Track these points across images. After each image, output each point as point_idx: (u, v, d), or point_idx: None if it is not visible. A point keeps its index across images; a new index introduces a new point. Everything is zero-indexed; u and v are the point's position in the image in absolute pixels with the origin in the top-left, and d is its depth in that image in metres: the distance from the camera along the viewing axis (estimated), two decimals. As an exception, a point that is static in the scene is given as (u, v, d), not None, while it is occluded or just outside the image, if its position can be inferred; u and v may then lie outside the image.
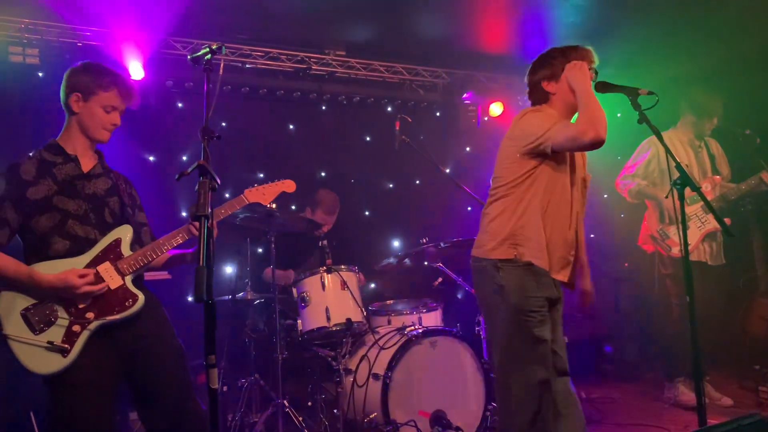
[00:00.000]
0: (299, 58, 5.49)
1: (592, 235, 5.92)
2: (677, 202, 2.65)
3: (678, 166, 2.64)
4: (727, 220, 4.46)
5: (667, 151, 2.65)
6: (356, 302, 4.00)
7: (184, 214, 5.06)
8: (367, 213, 6.09)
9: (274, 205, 3.84)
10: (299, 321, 3.99)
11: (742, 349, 5.07)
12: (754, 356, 4.84)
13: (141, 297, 2.52)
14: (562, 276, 2.76)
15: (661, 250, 4.57)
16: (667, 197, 4.42)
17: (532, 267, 2.69)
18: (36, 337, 2.37)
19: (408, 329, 3.96)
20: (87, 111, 2.56)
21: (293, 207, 5.29)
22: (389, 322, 4.33)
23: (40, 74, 4.56)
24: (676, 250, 4.49)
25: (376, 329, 4.14)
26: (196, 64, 2.24)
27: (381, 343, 3.91)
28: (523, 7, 5.13)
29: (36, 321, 2.39)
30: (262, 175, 5.57)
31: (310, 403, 4.17)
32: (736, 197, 4.53)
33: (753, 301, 5.16)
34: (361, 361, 3.94)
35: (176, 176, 1.99)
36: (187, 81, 5.10)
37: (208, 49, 2.21)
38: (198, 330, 2.56)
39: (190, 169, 1.92)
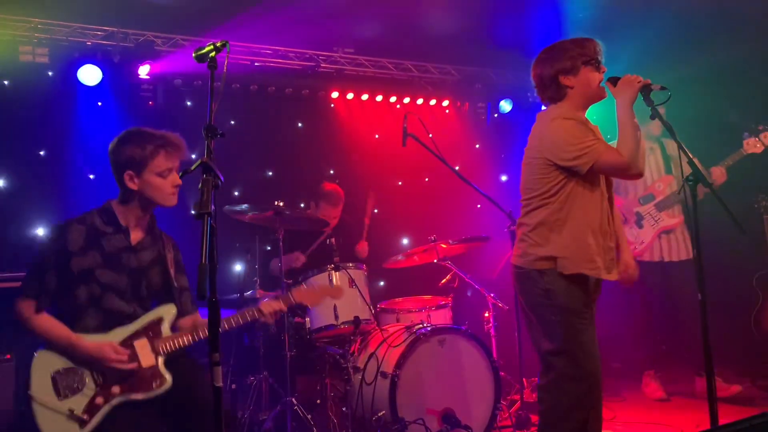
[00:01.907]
0: (308, 55, 5.49)
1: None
2: (689, 199, 2.59)
3: (690, 162, 2.56)
4: (680, 218, 4.51)
5: (680, 147, 2.61)
6: (364, 300, 3.99)
7: (192, 212, 5.07)
8: (375, 210, 6.07)
9: (282, 203, 3.85)
10: (307, 319, 3.98)
11: (757, 349, 4.99)
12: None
13: (168, 381, 2.51)
14: (613, 276, 2.78)
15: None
16: (679, 193, 4.41)
17: (578, 276, 2.69)
18: (59, 403, 2.39)
19: (416, 327, 3.94)
20: (145, 185, 2.55)
21: (302, 205, 5.29)
22: (398, 320, 4.32)
23: (50, 73, 4.58)
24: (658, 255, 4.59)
25: (385, 327, 4.13)
26: (201, 61, 2.22)
27: (389, 341, 3.89)
28: (534, 2, 5.10)
29: (63, 386, 2.41)
30: (270, 173, 5.58)
31: (318, 401, 4.16)
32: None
33: (766, 299, 5.09)
34: (369, 359, 3.92)
35: (179, 173, 2.00)
36: (196, 79, 5.11)
37: (212, 47, 2.18)
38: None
39: (193, 167, 1.91)
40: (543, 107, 2.92)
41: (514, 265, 2.86)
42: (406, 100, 6.04)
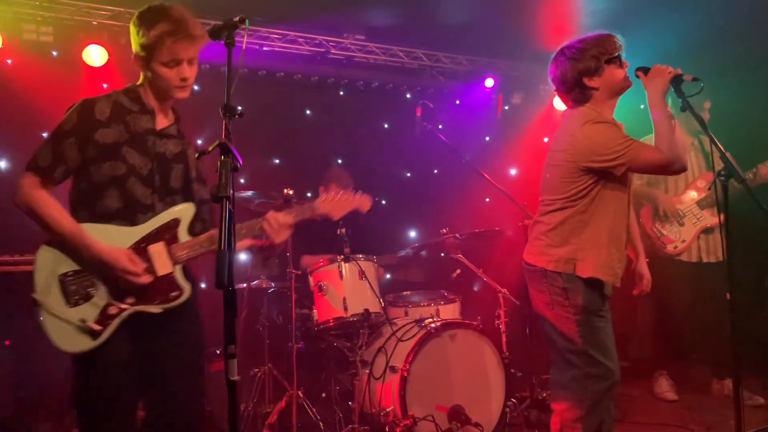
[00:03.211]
0: (317, 41, 5.37)
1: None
2: (720, 195, 2.51)
3: (723, 156, 2.49)
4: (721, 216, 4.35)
5: (712, 140, 2.51)
6: (374, 292, 3.90)
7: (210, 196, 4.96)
8: (384, 202, 5.98)
9: (291, 191, 3.75)
10: (315, 310, 3.89)
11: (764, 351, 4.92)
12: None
13: (187, 291, 2.30)
14: (619, 283, 2.77)
15: (657, 248, 4.48)
16: (710, 189, 4.32)
17: (593, 280, 2.66)
18: (69, 310, 2.15)
19: (427, 321, 3.85)
20: (153, 73, 2.30)
21: (309, 194, 5.19)
22: (406, 314, 4.22)
23: (54, 53, 4.47)
24: (671, 247, 4.48)
25: (394, 320, 4.03)
26: (216, 38, 2.10)
27: (399, 335, 3.80)
28: (548, -8, 4.99)
29: (72, 291, 2.17)
30: (277, 161, 5.47)
31: (324, 395, 4.09)
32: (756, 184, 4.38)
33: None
34: (378, 352, 3.83)
35: (196, 154, 1.89)
36: (203, 63, 4.98)
37: (230, 22, 2.07)
38: (208, 317, 2.49)
39: (210, 148, 1.80)
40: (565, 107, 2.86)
41: (528, 263, 2.82)
42: (417, 89, 5.93)
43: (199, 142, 5.05)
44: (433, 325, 3.76)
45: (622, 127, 2.78)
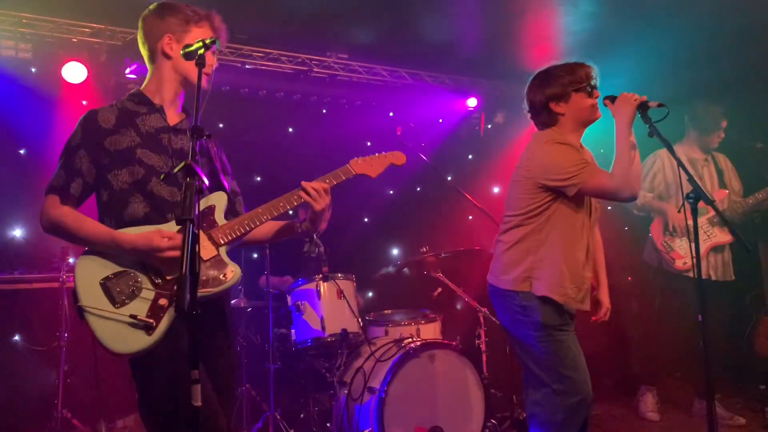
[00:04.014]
0: (300, 59, 5.37)
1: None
2: (689, 216, 2.55)
3: (690, 179, 2.56)
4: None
5: (679, 163, 2.55)
6: (353, 312, 3.87)
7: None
8: (366, 219, 5.96)
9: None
10: (293, 330, 3.86)
11: (749, 369, 4.92)
12: (761, 376, 4.71)
13: (237, 270, 2.20)
14: (585, 306, 2.78)
15: (666, 263, 4.47)
16: (679, 211, 4.32)
17: (548, 299, 2.68)
18: (117, 311, 2.05)
19: (406, 341, 3.82)
20: (179, 57, 2.22)
21: (290, 212, 5.15)
22: (386, 333, 4.19)
23: (33, 69, 4.44)
24: (680, 263, 4.41)
25: (373, 340, 4.00)
26: (188, 59, 2.10)
27: (377, 355, 3.77)
28: (531, 13, 5.02)
29: (117, 292, 2.07)
30: (259, 179, 5.44)
31: (302, 416, 4.04)
32: (744, 212, 4.43)
33: (759, 319, 5.02)
34: (356, 373, 3.80)
35: (161, 176, 1.86)
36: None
37: (201, 44, 2.07)
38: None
39: (176, 169, 1.78)
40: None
41: (490, 284, 2.87)
42: (400, 107, 5.94)
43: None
44: (411, 345, 3.73)
45: (591, 156, 2.86)
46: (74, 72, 4.45)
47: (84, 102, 4.62)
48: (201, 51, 2.06)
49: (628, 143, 2.58)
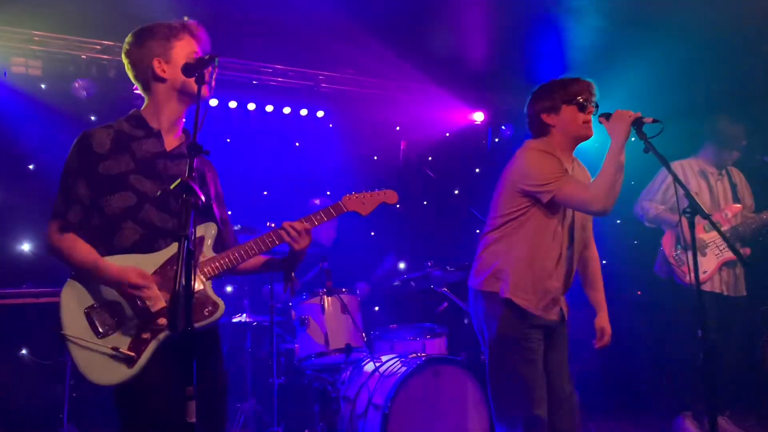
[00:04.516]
0: (308, 74, 5.41)
1: (604, 261, 5.73)
2: (687, 231, 2.54)
3: (687, 194, 2.58)
4: (746, 250, 4.32)
5: (676, 179, 2.56)
6: (356, 327, 3.86)
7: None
8: (372, 233, 5.96)
9: (273, 224, 3.73)
10: (297, 345, 3.85)
11: (762, 385, 4.84)
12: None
13: (222, 306, 2.21)
14: (550, 315, 2.75)
15: (677, 277, 4.42)
16: (676, 226, 4.29)
17: (512, 303, 2.68)
18: (100, 342, 2.06)
19: (411, 357, 3.79)
20: (176, 70, 2.23)
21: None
22: (392, 348, 4.17)
23: (43, 86, 4.50)
24: (693, 277, 4.33)
25: (378, 356, 3.98)
26: (189, 76, 2.12)
27: (382, 370, 3.74)
28: (538, 27, 5.04)
29: (101, 322, 2.09)
30: (266, 193, 5.47)
31: (307, 431, 4.01)
32: (757, 226, 4.37)
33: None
34: (360, 389, 3.77)
35: (158, 192, 1.88)
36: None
37: (201, 60, 2.09)
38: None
39: (172, 186, 1.79)
40: None
41: (468, 286, 2.91)
42: (407, 121, 5.95)
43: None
44: (416, 361, 3.71)
45: (584, 171, 2.92)
46: (83, 88, 4.50)
47: (93, 118, 4.68)
48: (200, 68, 2.08)
49: (616, 162, 2.57)
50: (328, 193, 5.80)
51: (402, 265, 5.92)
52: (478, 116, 6.08)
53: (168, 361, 2.09)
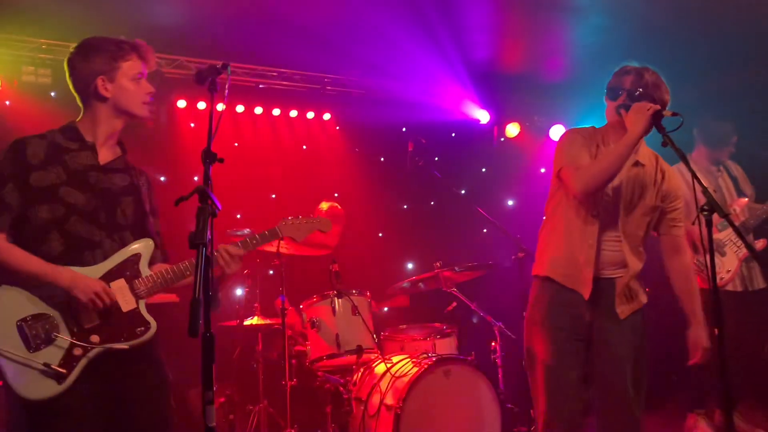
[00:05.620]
0: (313, 78, 5.44)
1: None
2: (704, 230, 2.50)
3: (705, 191, 2.48)
4: (763, 241, 4.31)
5: (694, 175, 2.50)
6: (367, 328, 3.88)
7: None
8: (380, 234, 5.98)
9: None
10: (308, 347, 3.88)
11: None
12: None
13: (153, 326, 2.24)
14: (584, 290, 2.67)
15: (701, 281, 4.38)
16: (693, 223, 4.25)
17: (549, 281, 2.74)
18: (30, 356, 2.06)
19: (421, 357, 3.82)
20: (119, 91, 2.28)
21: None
22: (402, 349, 4.20)
23: (53, 94, 4.54)
24: (718, 279, 4.32)
25: (388, 357, 4.01)
26: (201, 83, 2.15)
27: (393, 371, 3.77)
28: (541, 26, 5.05)
29: (33, 336, 2.08)
30: (274, 196, 5.50)
31: (319, 432, 4.05)
32: (766, 216, 4.35)
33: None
34: (372, 390, 3.80)
35: (175, 201, 1.91)
36: (199, 101, 5.07)
37: (213, 67, 2.12)
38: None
39: (189, 194, 1.82)
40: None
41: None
42: (413, 123, 5.97)
43: (195, 178, 5.11)
44: (427, 361, 3.73)
45: (657, 157, 2.83)
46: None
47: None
48: (212, 76, 2.10)
49: (620, 153, 2.53)
50: (336, 195, 5.83)
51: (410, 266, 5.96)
52: (484, 116, 6.09)
53: (97, 383, 2.14)
